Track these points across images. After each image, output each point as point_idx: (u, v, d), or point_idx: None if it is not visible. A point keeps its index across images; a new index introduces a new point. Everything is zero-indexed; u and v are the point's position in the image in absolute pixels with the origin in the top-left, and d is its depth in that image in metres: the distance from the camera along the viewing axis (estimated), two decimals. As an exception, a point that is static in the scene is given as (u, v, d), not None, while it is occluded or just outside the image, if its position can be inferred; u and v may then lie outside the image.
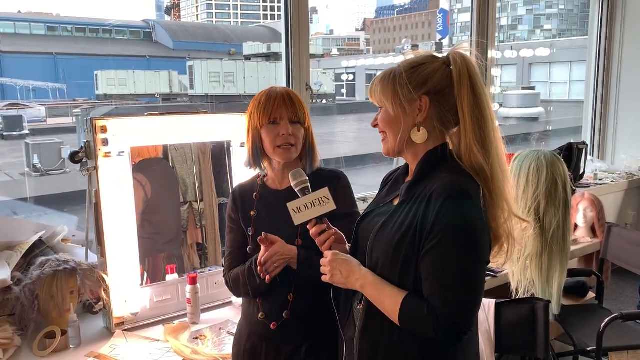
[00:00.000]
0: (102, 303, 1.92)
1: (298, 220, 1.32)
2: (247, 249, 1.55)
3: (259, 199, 1.56)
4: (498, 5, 3.73)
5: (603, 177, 4.22)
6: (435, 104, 1.21)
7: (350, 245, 1.34)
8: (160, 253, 2.05)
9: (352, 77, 27.92)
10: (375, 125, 1.28)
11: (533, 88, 21.25)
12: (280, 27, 2.85)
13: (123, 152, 1.87)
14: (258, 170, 1.59)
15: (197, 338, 1.83)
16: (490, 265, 1.23)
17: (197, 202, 2.12)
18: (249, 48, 26.83)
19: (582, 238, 3.06)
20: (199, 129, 2.07)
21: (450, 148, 1.24)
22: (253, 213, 1.54)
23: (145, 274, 1.98)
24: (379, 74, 1.26)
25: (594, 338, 2.22)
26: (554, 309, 2.12)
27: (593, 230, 3.10)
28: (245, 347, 1.55)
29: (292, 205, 1.32)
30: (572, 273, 2.51)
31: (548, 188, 2.02)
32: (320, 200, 1.31)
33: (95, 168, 1.82)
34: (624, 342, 2.35)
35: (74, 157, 1.87)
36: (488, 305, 1.88)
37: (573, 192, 2.26)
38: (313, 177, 1.44)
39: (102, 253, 1.86)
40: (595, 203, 3.06)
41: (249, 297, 1.54)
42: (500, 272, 2.37)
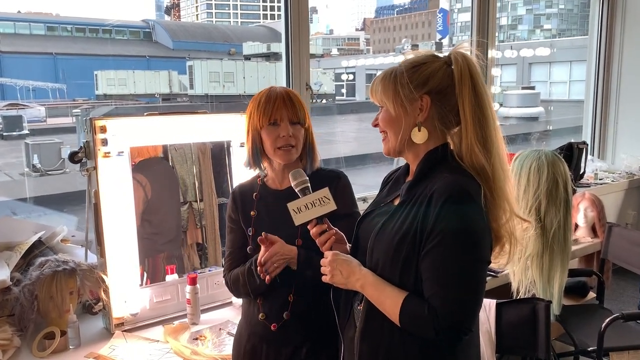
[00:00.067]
0: (101, 303, 1.92)
1: (298, 221, 1.31)
2: (247, 249, 1.54)
3: (259, 199, 1.55)
4: (498, 5, 3.73)
5: (603, 176, 4.21)
6: (437, 104, 1.20)
7: (351, 246, 1.34)
8: (160, 253, 2.05)
9: (352, 76, 27.92)
10: (376, 125, 1.27)
11: (533, 88, 21.26)
12: (280, 27, 2.85)
13: (122, 152, 1.87)
14: (258, 171, 1.58)
15: (197, 339, 1.82)
16: (491, 266, 1.22)
17: (197, 202, 2.11)
18: (249, 48, 26.82)
19: (582, 238, 3.05)
20: (199, 129, 2.07)
21: (451, 148, 1.23)
22: (253, 213, 1.54)
23: (145, 275, 1.98)
24: (380, 73, 1.25)
25: (595, 338, 2.22)
26: (555, 309, 2.11)
27: (594, 230, 3.09)
28: (246, 348, 1.55)
29: (292, 206, 1.31)
30: (572, 273, 2.51)
31: (549, 188, 2.01)
32: (321, 200, 1.30)
33: (95, 168, 1.82)
34: (625, 342, 2.34)
35: (74, 157, 1.86)
36: (489, 306, 1.87)
37: (574, 191, 2.25)
38: (313, 177, 1.43)
39: (101, 253, 1.85)
40: (596, 203, 3.05)
41: (249, 297, 1.54)
42: (501, 272, 2.37)
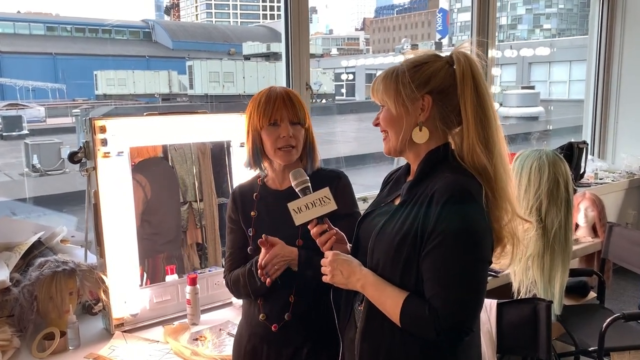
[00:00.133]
0: (101, 304, 1.91)
1: (299, 221, 1.31)
2: (247, 250, 1.53)
3: (259, 200, 1.55)
4: (497, 5, 3.72)
5: (603, 176, 4.21)
6: (438, 104, 1.20)
7: (351, 246, 1.33)
8: (160, 253, 2.04)
9: (351, 76, 27.91)
10: (377, 124, 1.27)
11: (533, 87, 21.26)
12: (280, 26, 2.85)
13: (122, 152, 1.86)
14: (258, 171, 1.58)
15: (197, 339, 1.82)
16: (492, 266, 1.22)
17: (196, 202, 2.11)
18: (249, 48, 26.80)
19: (583, 238, 3.05)
20: (199, 129, 2.06)
21: (452, 148, 1.23)
22: (253, 213, 1.53)
23: (145, 275, 1.98)
24: (381, 73, 1.24)
25: (595, 338, 2.22)
26: (556, 309, 2.11)
27: (594, 230, 3.09)
28: (246, 348, 1.54)
29: (292, 205, 1.31)
30: (573, 273, 2.50)
31: (550, 188, 2.00)
32: (321, 200, 1.30)
33: (95, 168, 1.81)
34: (626, 342, 2.34)
35: (73, 157, 1.86)
36: (490, 306, 1.87)
37: (574, 191, 2.25)
38: (313, 177, 1.42)
39: (101, 254, 1.85)
40: (596, 202, 3.05)
41: (250, 298, 1.54)
42: (502, 272, 2.36)
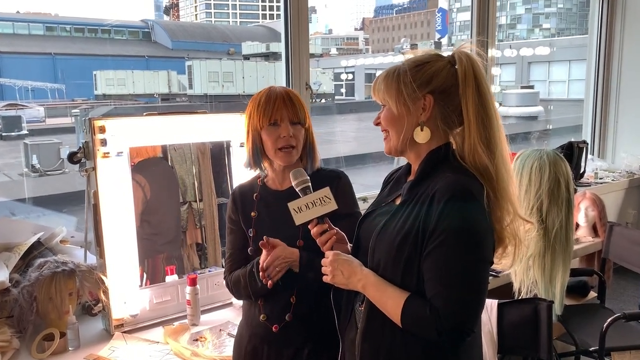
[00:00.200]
0: (101, 305, 1.91)
1: (299, 220, 1.30)
2: (247, 251, 1.53)
3: (260, 200, 1.54)
4: (497, 4, 3.72)
5: (603, 176, 4.21)
6: (440, 103, 1.19)
7: (352, 246, 1.33)
8: (160, 254, 2.04)
9: (351, 76, 27.88)
10: (378, 124, 1.26)
11: (532, 87, 21.25)
12: (279, 26, 2.85)
13: (122, 152, 1.86)
14: (258, 171, 1.57)
15: (197, 340, 1.81)
16: (494, 266, 1.21)
17: (196, 202, 2.10)
18: (248, 48, 26.75)
19: (583, 237, 3.04)
20: (198, 129, 2.06)
21: (453, 148, 1.22)
22: (254, 214, 1.53)
23: (145, 275, 1.97)
24: (383, 72, 1.24)
25: (596, 338, 2.22)
26: (557, 309, 2.10)
27: (594, 230, 3.09)
28: (247, 349, 1.54)
29: (293, 205, 1.30)
30: (573, 272, 2.50)
31: (551, 187, 2.00)
32: (322, 200, 1.29)
33: (94, 168, 1.81)
34: (627, 342, 2.34)
35: (72, 157, 1.86)
36: (490, 306, 1.86)
37: (575, 191, 2.24)
38: (314, 177, 1.42)
39: (101, 254, 1.84)
40: (597, 202, 3.05)
41: (250, 299, 1.53)
42: (502, 272, 2.36)
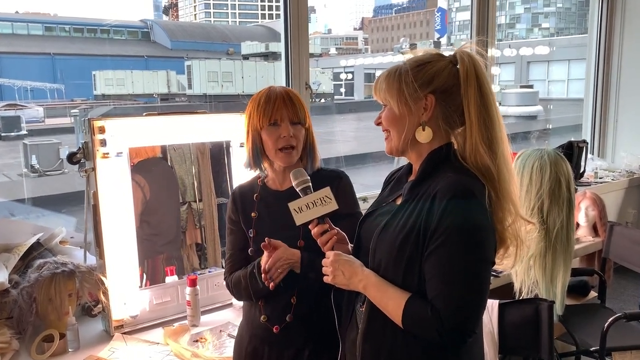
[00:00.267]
0: (100, 306, 1.90)
1: (299, 220, 1.29)
2: (248, 251, 1.52)
3: (260, 200, 1.54)
4: (497, 4, 3.72)
5: (603, 175, 4.21)
6: (441, 103, 1.19)
7: (353, 246, 1.33)
8: (160, 254, 2.03)
9: (350, 76, 27.86)
10: (379, 124, 1.25)
11: (531, 86, 21.25)
12: (278, 26, 2.84)
13: (121, 152, 1.85)
14: (258, 171, 1.57)
15: (197, 341, 1.81)
16: (495, 267, 1.21)
17: (195, 202, 2.10)
18: (247, 47, 26.73)
19: (584, 237, 3.04)
20: (198, 129, 2.05)
21: (455, 148, 1.22)
22: (254, 214, 1.52)
23: (145, 276, 1.97)
24: (384, 72, 1.24)
25: (597, 338, 2.21)
26: (558, 310, 2.09)
27: (594, 229, 3.08)
28: (247, 350, 1.53)
29: (293, 205, 1.30)
30: (574, 272, 2.49)
31: (552, 187, 1.99)
32: (322, 200, 1.28)
33: (94, 169, 1.80)
34: (628, 342, 2.34)
35: (72, 158, 1.85)
36: (491, 306, 1.86)
37: (575, 190, 2.24)
38: (314, 177, 1.41)
39: (100, 255, 1.84)
40: (597, 202, 3.04)
41: (251, 300, 1.53)
42: (503, 271, 2.35)
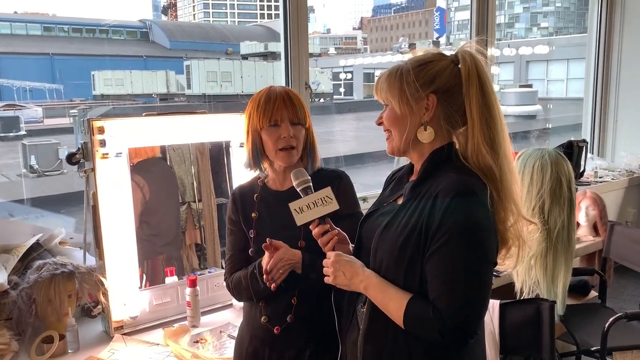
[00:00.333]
0: (100, 307, 1.90)
1: (300, 221, 1.29)
2: (248, 252, 1.52)
3: (260, 200, 1.53)
4: (496, 3, 3.71)
5: (603, 174, 4.21)
6: (443, 103, 1.18)
7: (354, 246, 1.32)
8: (159, 255, 2.03)
9: (349, 75, 27.85)
10: (380, 124, 1.25)
11: (530, 86, 21.25)
12: (277, 26, 2.84)
13: (121, 153, 1.85)
14: (258, 172, 1.56)
15: (197, 341, 1.80)
16: (497, 267, 1.20)
17: (195, 202, 2.09)
18: (246, 47, 26.72)
19: (584, 236, 3.04)
20: (198, 129, 2.05)
21: (456, 147, 1.22)
22: (254, 215, 1.52)
23: (144, 277, 1.96)
24: (385, 71, 1.23)
25: (597, 337, 2.21)
26: (559, 310, 2.09)
27: (595, 229, 3.08)
28: (247, 350, 1.53)
29: (294, 205, 1.29)
30: (574, 272, 2.49)
31: (553, 187, 1.99)
32: (323, 200, 1.28)
33: (93, 169, 1.80)
34: (628, 341, 2.33)
35: (71, 158, 1.85)
36: (492, 306, 1.85)
37: (575, 190, 2.24)
38: (314, 177, 1.40)
39: (100, 256, 1.83)
40: (597, 201, 3.04)
41: (252, 301, 1.52)
42: (504, 271, 2.34)
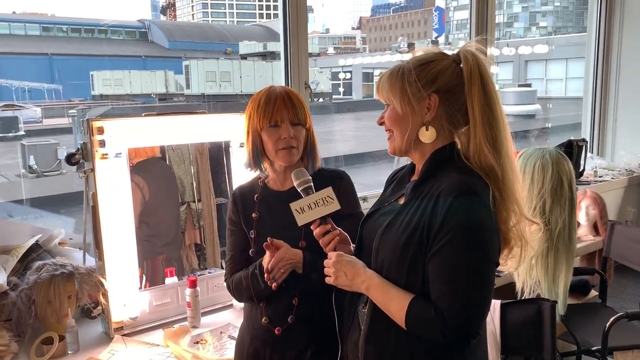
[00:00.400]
0: (100, 307, 1.89)
1: (301, 221, 1.28)
2: (249, 252, 1.51)
3: (261, 201, 1.53)
4: (495, 3, 3.71)
5: (603, 174, 4.21)
6: (445, 103, 1.18)
7: (355, 246, 1.32)
8: (159, 255, 2.02)
9: (348, 75, 27.85)
10: (382, 123, 1.24)
11: (529, 85, 21.27)
12: (276, 26, 2.85)
13: (120, 153, 1.84)
14: (258, 172, 1.56)
15: (197, 342, 1.79)
16: (500, 268, 1.20)
17: (194, 202, 2.09)
18: (245, 47, 26.71)
19: (584, 236, 3.04)
20: (198, 129, 2.04)
21: (458, 147, 1.21)
22: (255, 215, 1.51)
23: (144, 277, 1.96)
24: (387, 71, 1.22)
25: (598, 337, 2.21)
26: (560, 309, 2.09)
27: (595, 228, 3.08)
28: (248, 351, 1.52)
29: (295, 206, 1.29)
30: (574, 272, 2.49)
31: (554, 187, 1.99)
32: (324, 200, 1.27)
33: (93, 170, 1.79)
34: (629, 341, 2.33)
35: (71, 159, 1.84)
36: (493, 306, 1.85)
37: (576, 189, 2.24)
38: (315, 177, 1.40)
39: (100, 256, 1.83)
40: (598, 201, 3.04)
41: (253, 302, 1.51)
42: (505, 271, 2.34)
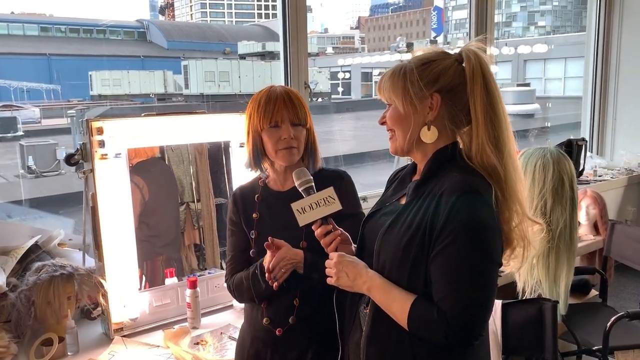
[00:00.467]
0: (100, 308, 1.88)
1: (302, 221, 1.28)
2: (249, 253, 1.51)
3: (261, 201, 1.52)
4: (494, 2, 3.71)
5: (602, 173, 4.21)
6: (447, 102, 1.17)
7: (356, 247, 1.31)
8: (159, 256, 2.02)
9: (347, 75, 27.84)
10: (383, 123, 1.24)
11: (528, 85, 21.28)
12: (275, 25, 2.85)
13: (120, 153, 1.83)
14: (259, 172, 1.55)
15: (198, 343, 1.79)
16: (502, 268, 1.19)
17: (194, 202, 2.08)
18: (244, 47, 26.70)
19: (584, 235, 3.04)
20: (198, 129, 2.03)
21: (460, 147, 1.20)
22: (255, 215, 1.51)
23: (144, 278, 1.95)
24: (388, 70, 1.22)
25: (598, 336, 2.20)
26: (561, 309, 2.09)
27: (595, 228, 3.08)
28: (249, 352, 1.52)
29: (296, 206, 1.28)
30: (575, 271, 2.49)
31: (555, 186, 1.98)
32: (326, 200, 1.27)
33: (92, 170, 1.78)
34: (630, 341, 2.33)
35: (70, 159, 1.83)
36: (495, 306, 1.84)
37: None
38: (315, 177, 1.39)
39: (99, 257, 1.82)
40: (598, 200, 3.04)
41: (254, 302, 1.51)
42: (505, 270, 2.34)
